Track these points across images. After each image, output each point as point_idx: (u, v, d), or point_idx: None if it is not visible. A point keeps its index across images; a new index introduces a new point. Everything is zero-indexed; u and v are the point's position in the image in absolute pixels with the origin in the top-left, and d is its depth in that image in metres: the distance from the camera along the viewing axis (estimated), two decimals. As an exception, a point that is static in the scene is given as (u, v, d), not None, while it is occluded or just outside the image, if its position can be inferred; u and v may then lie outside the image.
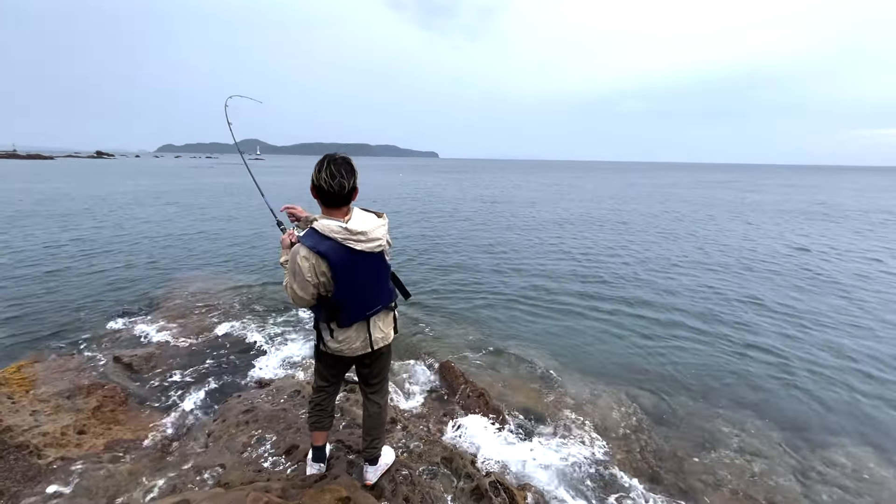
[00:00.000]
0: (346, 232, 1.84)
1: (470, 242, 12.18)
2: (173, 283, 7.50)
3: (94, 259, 9.04)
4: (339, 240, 1.83)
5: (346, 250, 1.85)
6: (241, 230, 13.13)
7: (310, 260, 1.85)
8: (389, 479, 2.55)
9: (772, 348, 5.58)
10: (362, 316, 2.05)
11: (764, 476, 3.40)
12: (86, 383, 3.94)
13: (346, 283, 1.92)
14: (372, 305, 2.06)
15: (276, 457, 2.86)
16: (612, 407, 4.20)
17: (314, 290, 1.93)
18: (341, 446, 2.88)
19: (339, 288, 1.93)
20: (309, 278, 1.87)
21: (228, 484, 2.52)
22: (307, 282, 1.88)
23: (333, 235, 1.83)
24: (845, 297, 7.71)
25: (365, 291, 2.01)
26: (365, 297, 2.02)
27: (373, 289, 2.04)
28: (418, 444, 2.97)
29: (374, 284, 2.03)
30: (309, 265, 1.85)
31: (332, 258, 1.84)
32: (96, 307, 6.21)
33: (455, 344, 5.54)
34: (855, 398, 4.52)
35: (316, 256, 1.84)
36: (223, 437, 3.10)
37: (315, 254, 1.83)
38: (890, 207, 23.46)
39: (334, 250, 1.84)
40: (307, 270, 1.85)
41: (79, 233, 11.75)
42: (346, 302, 1.98)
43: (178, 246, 10.67)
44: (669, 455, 3.59)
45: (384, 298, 2.12)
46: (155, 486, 2.61)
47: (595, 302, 7.23)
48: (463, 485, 2.56)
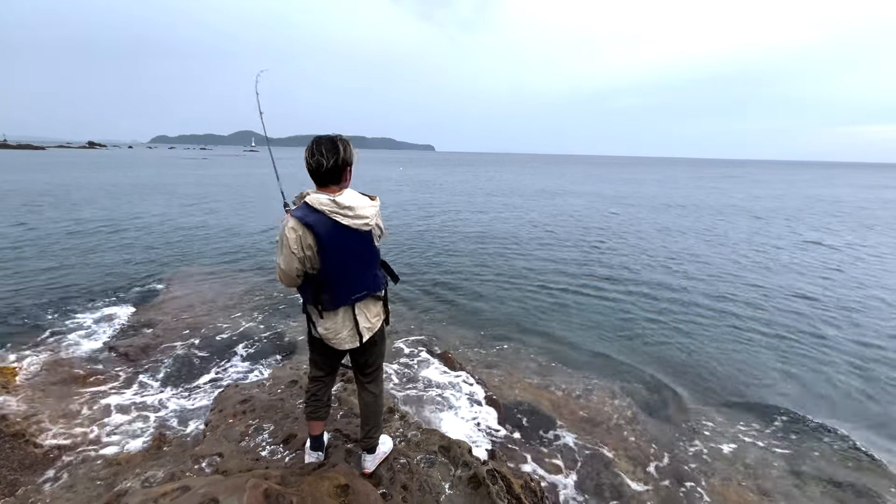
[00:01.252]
0: (334, 205, 1.84)
1: (472, 233, 12.18)
2: (171, 275, 7.46)
3: (92, 249, 8.97)
4: (327, 212, 1.83)
5: (332, 224, 1.85)
6: (240, 223, 13.07)
7: (297, 231, 1.84)
8: (387, 468, 2.57)
9: (764, 339, 5.64)
10: (348, 300, 2.03)
11: (756, 465, 3.46)
12: (82, 373, 3.93)
13: (332, 259, 1.91)
14: (358, 289, 2.04)
15: (274, 445, 2.87)
16: (607, 398, 4.24)
17: (300, 265, 1.91)
18: (339, 435, 2.89)
19: (325, 265, 1.92)
20: (295, 250, 1.86)
21: (227, 472, 2.53)
22: (293, 255, 1.87)
23: (322, 208, 1.83)
24: (835, 286, 7.80)
25: (350, 270, 1.99)
26: (350, 278, 2.00)
27: (358, 270, 2.01)
28: (416, 433, 2.99)
29: (359, 265, 2.01)
30: (296, 237, 1.85)
31: (319, 230, 1.83)
32: (93, 297, 6.17)
33: (454, 334, 5.56)
34: (847, 388, 4.58)
35: (303, 228, 1.83)
36: (221, 427, 3.10)
37: (303, 225, 1.82)
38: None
39: (321, 223, 1.83)
40: (293, 242, 1.85)
41: (76, 223, 11.64)
42: (331, 280, 1.97)
43: (176, 238, 10.60)
44: (664, 445, 3.63)
45: (371, 284, 2.08)
46: (153, 474, 2.61)
47: (594, 294, 7.27)
48: (460, 473, 2.58)
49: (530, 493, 2.61)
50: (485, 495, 2.38)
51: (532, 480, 2.72)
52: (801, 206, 22.46)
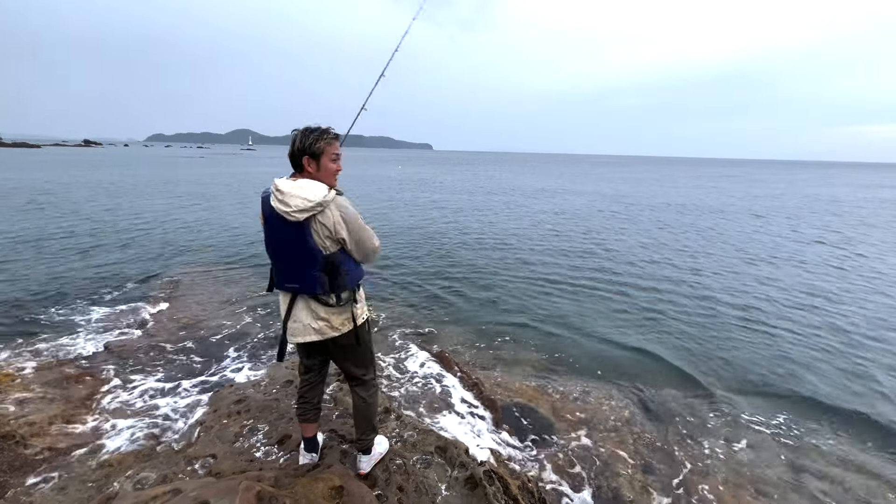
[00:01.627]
0: (274, 187, 1.93)
1: (472, 232, 12.14)
2: (168, 273, 7.41)
3: (90, 248, 8.90)
4: (271, 191, 1.95)
5: (269, 204, 1.95)
6: (238, 221, 13.00)
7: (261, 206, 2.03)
8: (383, 469, 2.54)
9: (762, 339, 5.63)
10: (282, 285, 2.09)
11: (753, 465, 3.44)
12: (74, 372, 3.88)
13: (266, 237, 2.05)
14: (288, 279, 2.06)
15: (268, 447, 2.84)
16: (605, 399, 4.22)
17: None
18: (334, 436, 2.86)
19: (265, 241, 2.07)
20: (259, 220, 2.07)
21: (220, 473, 2.49)
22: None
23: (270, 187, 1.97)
24: (826, 278, 7.80)
25: (278, 257, 2.05)
26: (279, 264, 2.07)
27: (285, 260, 2.03)
28: (412, 434, 2.96)
29: (286, 255, 2.01)
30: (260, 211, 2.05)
31: (265, 208, 1.99)
32: (88, 296, 6.12)
33: (451, 333, 5.53)
34: (844, 388, 4.57)
35: (261, 202, 2.01)
36: (214, 428, 3.07)
37: (261, 199, 2.01)
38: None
39: (266, 201, 1.97)
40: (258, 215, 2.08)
41: (70, 221, 11.56)
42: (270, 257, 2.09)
43: (173, 236, 10.54)
44: (661, 446, 3.61)
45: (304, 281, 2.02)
46: (145, 475, 2.57)
47: (593, 294, 7.25)
48: (457, 474, 2.55)
49: (528, 494, 2.59)
50: (482, 496, 2.35)
51: (529, 482, 2.69)
52: (800, 204, 22.51)
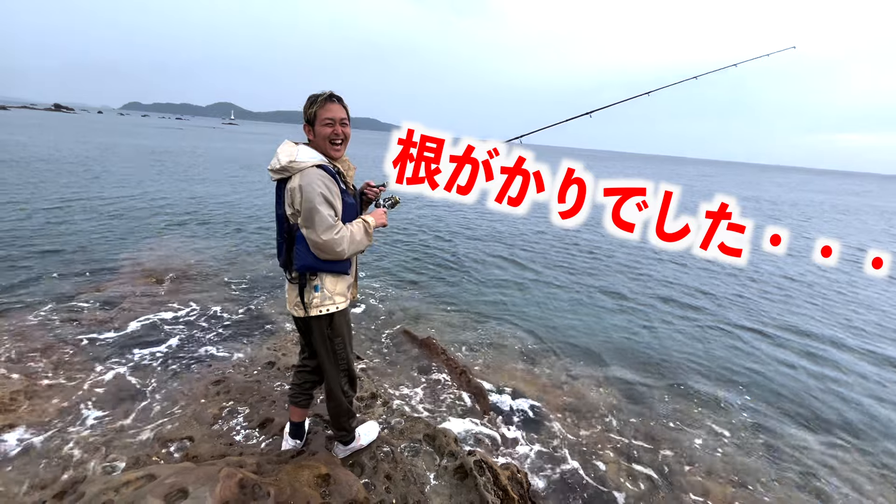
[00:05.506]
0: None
1: (459, 218, 12.02)
2: (142, 245, 7.07)
3: (54, 217, 8.42)
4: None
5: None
6: (217, 193, 12.54)
7: None
8: (370, 457, 2.45)
9: (747, 332, 5.74)
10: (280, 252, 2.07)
11: (736, 455, 3.49)
12: (39, 346, 3.65)
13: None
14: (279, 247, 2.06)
15: (249, 430, 2.72)
16: (591, 388, 4.22)
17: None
18: (320, 421, 2.76)
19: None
20: None
21: (197, 457, 2.37)
22: None
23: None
24: (824, 286, 8.03)
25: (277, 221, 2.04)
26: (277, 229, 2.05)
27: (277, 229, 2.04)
28: (400, 421, 2.88)
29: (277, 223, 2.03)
30: None
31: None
32: (55, 265, 5.78)
33: (438, 320, 5.45)
34: (824, 380, 4.71)
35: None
36: (191, 408, 2.93)
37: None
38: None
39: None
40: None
41: (39, 187, 10.93)
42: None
43: (148, 207, 10.08)
44: (647, 434, 3.63)
45: (282, 254, 2.05)
46: (115, 457, 2.43)
47: (577, 282, 7.26)
48: (446, 463, 2.49)
49: (517, 484, 2.55)
50: (472, 487, 2.29)
51: (519, 472, 2.65)
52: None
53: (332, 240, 1.83)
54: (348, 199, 1.99)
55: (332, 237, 1.83)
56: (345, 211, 1.96)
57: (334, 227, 1.84)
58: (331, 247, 1.84)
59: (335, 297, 2.04)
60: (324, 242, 1.83)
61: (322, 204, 1.81)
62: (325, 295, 2.01)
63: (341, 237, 1.86)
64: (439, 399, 3.63)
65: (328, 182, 1.85)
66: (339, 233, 1.85)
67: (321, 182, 1.82)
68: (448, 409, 3.49)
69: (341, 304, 2.08)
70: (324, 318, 2.05)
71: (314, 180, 1.81)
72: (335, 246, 1.85)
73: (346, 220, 1.97)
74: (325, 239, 1.83)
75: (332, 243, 1.84)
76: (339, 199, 1.90)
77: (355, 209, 2.07)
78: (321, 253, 1.87)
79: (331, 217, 1.84)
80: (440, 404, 3.56)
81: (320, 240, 1.83)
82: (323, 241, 1.83)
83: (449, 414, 3.44)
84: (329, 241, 1.83)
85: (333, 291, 2.03)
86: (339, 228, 1.86)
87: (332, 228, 1.83)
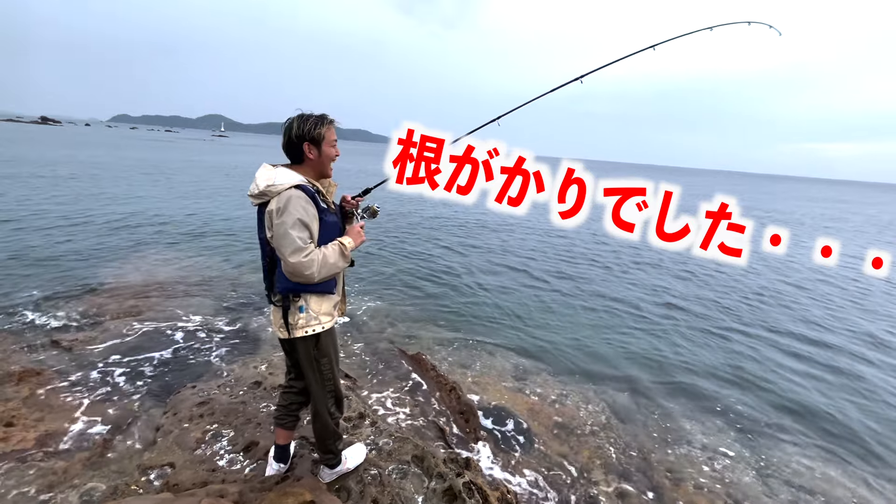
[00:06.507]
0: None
1: (449, 230, 12.04)
2: (123, 262, 6.96)
3: (34, 232, 8.28)
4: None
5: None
6: (202, 208, 12.43)
7: None
8: (357, 480, 2.40)
9: (741, 342, 5.78)
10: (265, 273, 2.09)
11: (725, 472, 3.49)
12: (17, 369, 3.55)
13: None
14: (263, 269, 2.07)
15: (233, 454, 2.65)
16: (581, 404, 4.21)
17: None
18: (305, 443, 2.71)
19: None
20: None
21: (178, 486, 2.30)
22: None
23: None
24: (808, 297, 8.13)
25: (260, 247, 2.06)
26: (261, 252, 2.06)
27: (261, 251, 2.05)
28: (388, 441, 2.84)
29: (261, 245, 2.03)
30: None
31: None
32: (33, 284, 5.66)
33: (428, 336, 5.40)
34: (813, 397, 4.73)
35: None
36: (173, 432, 2.85)
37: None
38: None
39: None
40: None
41: (20, 202, 10.75)
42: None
43: (130, 223, 9.95)
44: (637, 451, 3.61)
45: (266, 277, 2.08)
46: (93, 486, 2.35)
47: (566, 299, 7.28)
48: (435, 485, 2.45)
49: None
50: (461, 510, 2.25)
51: (509, 492, 2.61)
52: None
53: (300, 262, 1.79)
54: (329, 218, 1.97)
55: (300, 260, 1.79)
56: (326, 230, 1.95)
57: (303, 249, 1.80)
58: (300, 270, 1.80)
59: (321, 316, 2.03)
60: (293, 265, 1.79)
61: (294, 227, 1.79)
62: (310, 315, 2.00)
63: (310, 260, 1.81)
64: (429, 418, 3.59)
65: (304, 204, 1.84)
66: (307, 255, 1.81)
67: (297, 204, 1.82)
68: (437, 429, 3.45)
69: (327, 323, 2.06)
70: (310, 339, 2.04)
71: (291, 203, 1.81)
72: (303, 269, 1.80)
73: (328, 238, 1.96)
74: (293, 262, 1.79)
75: (300, 266, 1.79)
76: (316, 220, 1.89)
77: (338, 227, 2.06)
78: (291, 276, 1.84)
79: (300, 240, 1.80)
80: (429, 423, 3.51)
81: (289, 263, 1.80)
82: (292, 264, 1.79)
83: (438, 433, 3.40)
84: (297, 265, 1.79)
85: (319, 311, 2.02)
86: (308, 251, 1.82)
87: (300, 251, 1.80)
